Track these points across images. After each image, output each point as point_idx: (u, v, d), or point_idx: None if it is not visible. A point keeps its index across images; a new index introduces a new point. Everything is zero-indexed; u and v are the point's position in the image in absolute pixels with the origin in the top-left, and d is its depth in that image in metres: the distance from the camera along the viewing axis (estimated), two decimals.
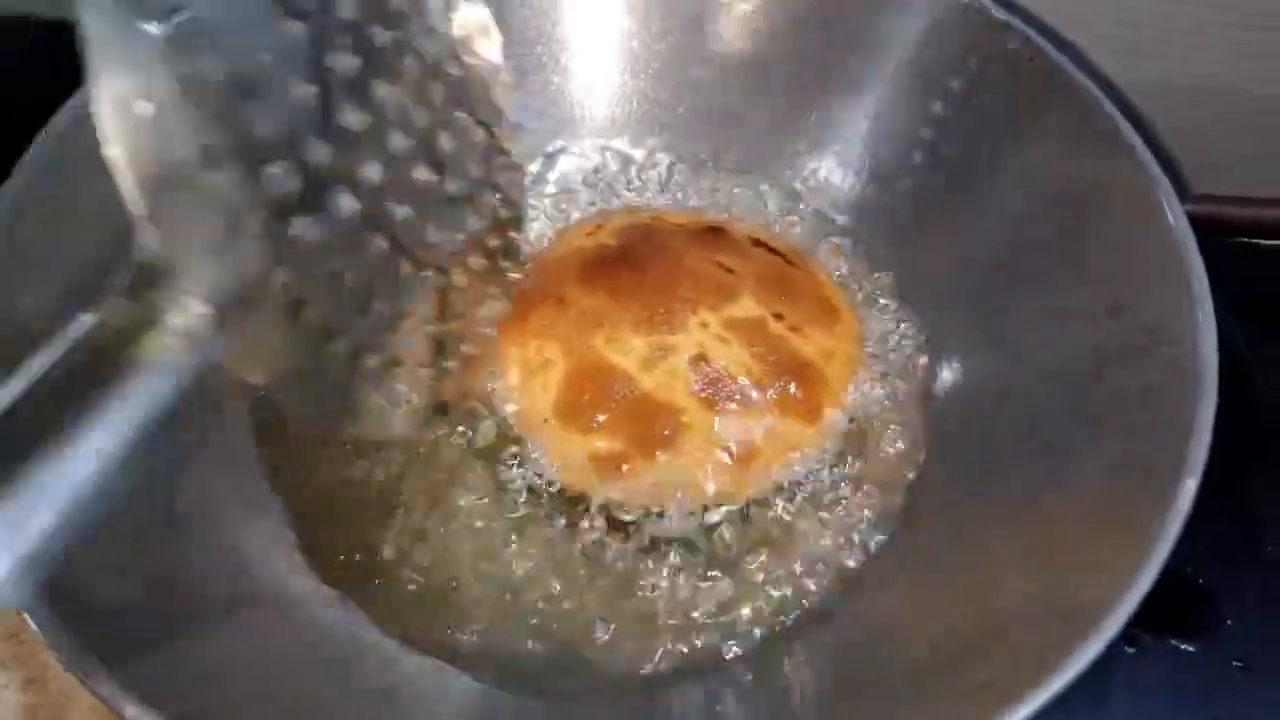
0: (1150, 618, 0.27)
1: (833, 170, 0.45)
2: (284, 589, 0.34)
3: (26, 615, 0.26)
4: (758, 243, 0.42)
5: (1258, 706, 0.36)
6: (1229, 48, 0.43)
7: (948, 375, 0.40)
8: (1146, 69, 0.43)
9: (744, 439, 0.37)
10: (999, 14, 0.39)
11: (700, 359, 0.37)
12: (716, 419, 0.37)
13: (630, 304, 0.38)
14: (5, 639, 0.36)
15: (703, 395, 0.37)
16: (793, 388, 0.38)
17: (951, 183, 0.41)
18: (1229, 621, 0.37)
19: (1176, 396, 0.30)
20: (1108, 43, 0.42)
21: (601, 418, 0.37)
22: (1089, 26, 0.42)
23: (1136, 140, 0.35)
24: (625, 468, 0.36)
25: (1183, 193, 0.35)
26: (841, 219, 0.45)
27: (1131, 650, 0.36)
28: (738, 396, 0.37)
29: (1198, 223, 0.33)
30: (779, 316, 0.39)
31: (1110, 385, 0.33)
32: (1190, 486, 0.28)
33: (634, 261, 0.40)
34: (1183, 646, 0.37)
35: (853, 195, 0.45)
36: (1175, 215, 0.33)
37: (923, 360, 0.41)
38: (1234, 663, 0.37)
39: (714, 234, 0.41)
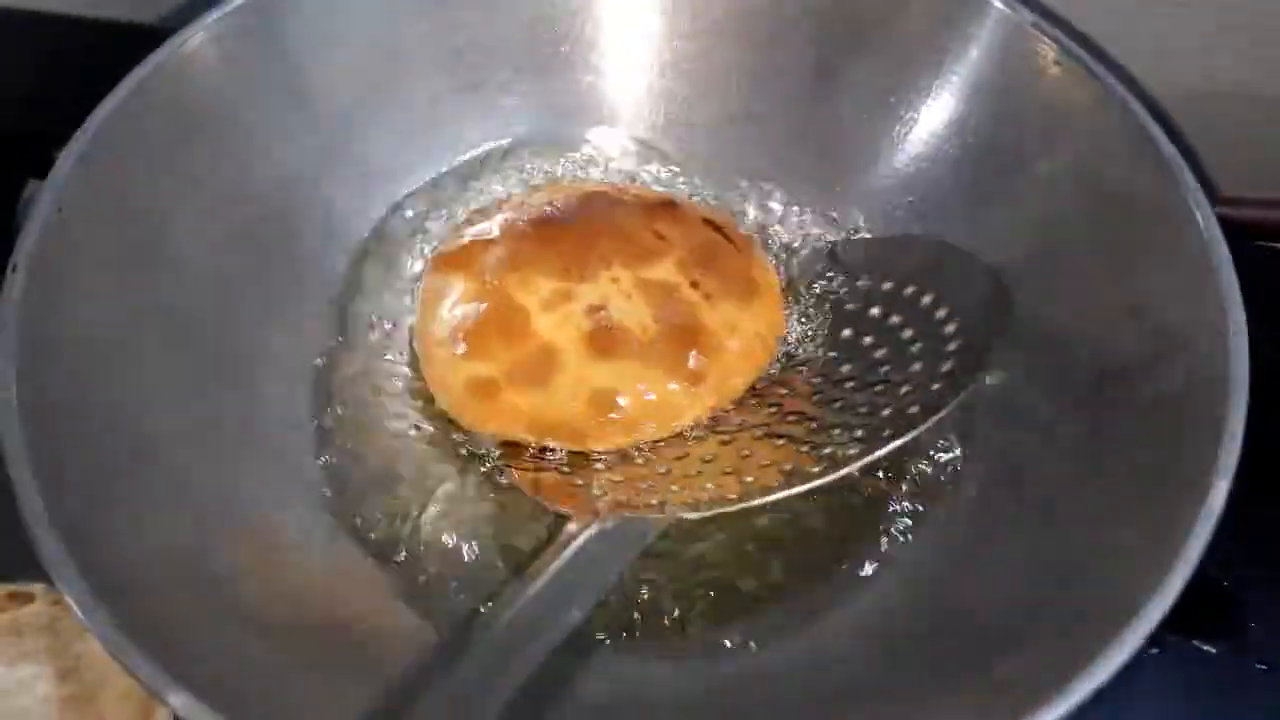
0: (1174, 619, 0.27)
1: (862, 178, 0.45)
2: (322, 573, 0.35)
3: (69, 599, 0.26)
4: (708, 222, 0.42)
5: None
6: (1260, 51, 0.42)
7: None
8: (1177, 71, 0.43)
9: (620, 390, 0.37)
10: (1027, 16, 0.39)
11: (597, 309, 0.38)
12: (595, 366, 0.37)
13: (551, 252, 0.39)
14: (38, 631, 0.37)
15: (588, 342, 0.37)
16: (683, 352, 0.38)
17: (979, 185, 0.41)
18: (1253, 624, 0.37)
19: (1208, 397, 0.30)
20: (1137, 45, 0.42)
21: (486, 347, 0.38)
22: (1118, 29, 0.42)
23: (1165, 143, 0.35)
24: (497, 396, 0.37)
25: (1212, 196, 0.35)
26: (863, 225, 0.45)
27: (1155, 651, 0.36)
28: (620, 349, 0.37)
29: (1228, 226, 0.33)
30: (694, 285, 0.39)
31: (1140, 387, 0.33)
32: (1222, 488, 0.28)
33: (571, 218, 0.41)
34: (1206, 648, 0.37)
35: (882, 203, 0.44)
36: (1205, 218, 0.33)
37: None
38: (1258, 665, 0.37)
39: (665, 207, 0.42)
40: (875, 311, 0.40)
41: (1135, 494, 0.31)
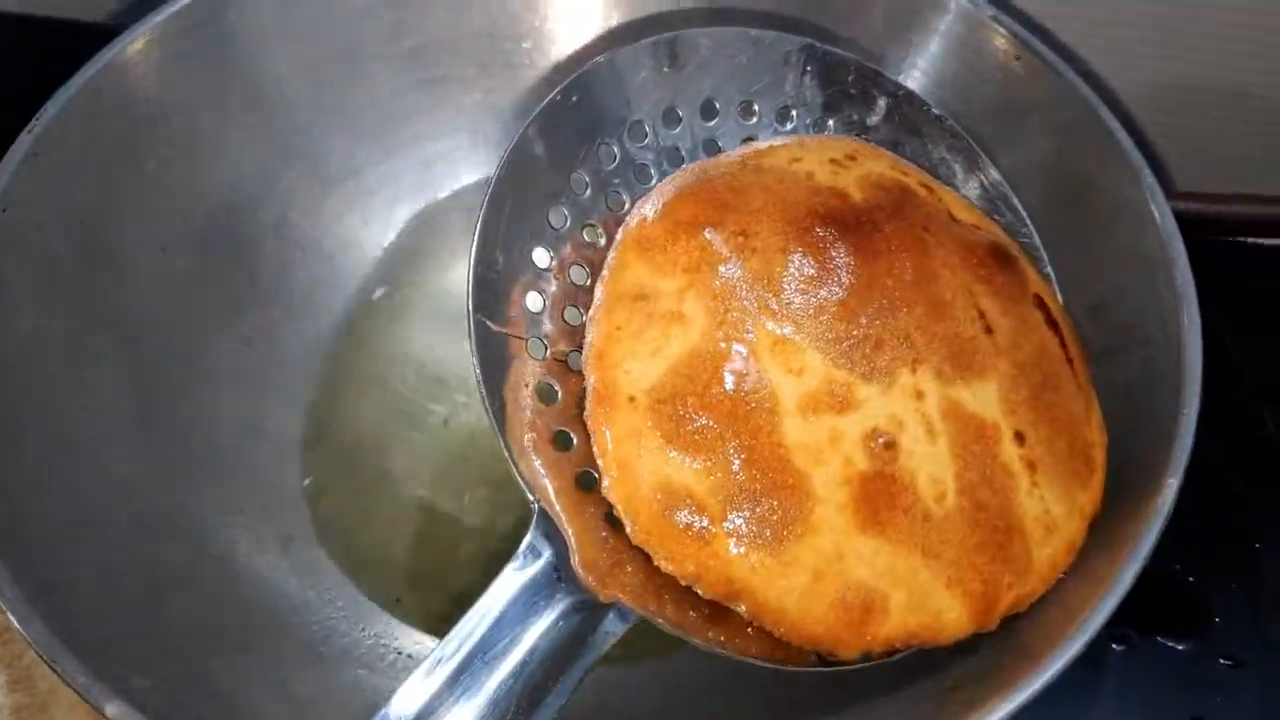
0: (1139, 616, 0.27)
1: None
2: (271, 589, 0.34)
3: (9, 612, 0.26)
4: (1041, 302, 0.30)
5: (1245, 704, 0.36)
6: (1217, 46, 0.42)
7: None
8: (1135, 67, 0.43)
9: (887, 590, 0.25)
10: (987, 10, 0.39)
11: (882, 439, 0.25)
12: (858, 541, 0.25)
13: (835, 300, 0.26)
14: None
15: (858, 500, 0.25)
16: (983, 562, 0.26)
17: None
18: (1217, 619, 0.37)
19: (1160, 395, 0.30)
20: (1096, 40, 0.42)
21: (703, 439, 0.25)
22: (1078, 24, 0.42)
23: (1124, 137, 0.35)
24: (707, 535, 0.25)
25: (1169, 190, 0.35)
26: None
27: (1120, 648, 0.36)
28: (899, 524, 0.25)
29: (1184, 220, 0.33)
30: (1019, 439, 0.27)
31: (1096, 381, 0.33)
32: (1173, 485, 0.28)
33: (871, 237, 0.27)
34: (1171, 645, 0.37)
35: None
36: (1161, 212, 0.33)
37: None
38: (1222, 661, 0.37)
39: (997, 257, 0.29)
40: None
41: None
